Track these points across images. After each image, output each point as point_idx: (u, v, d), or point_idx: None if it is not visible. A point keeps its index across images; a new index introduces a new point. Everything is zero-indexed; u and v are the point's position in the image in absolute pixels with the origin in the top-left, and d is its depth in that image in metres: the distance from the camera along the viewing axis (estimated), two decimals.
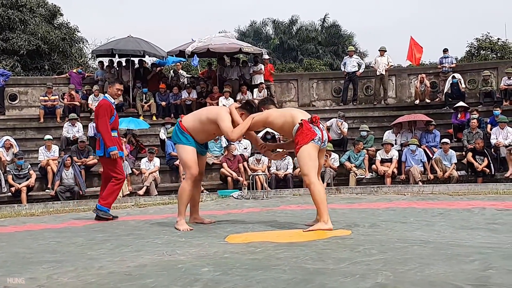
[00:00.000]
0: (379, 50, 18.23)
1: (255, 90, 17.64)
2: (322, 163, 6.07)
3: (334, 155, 14.35)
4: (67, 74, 20.06)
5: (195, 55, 18.42)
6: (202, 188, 13.46)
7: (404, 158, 14.04)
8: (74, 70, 19.34)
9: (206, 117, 6.31)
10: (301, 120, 5.79)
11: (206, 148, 6.82)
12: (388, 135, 15.21)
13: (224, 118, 6.16)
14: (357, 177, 13.94)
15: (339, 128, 15.77)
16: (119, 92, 8.33)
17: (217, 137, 14.46)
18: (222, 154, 14.74)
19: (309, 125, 5.76)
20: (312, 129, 5.75)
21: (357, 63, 18.27)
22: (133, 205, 10.37)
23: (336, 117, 16.09)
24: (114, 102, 8.28)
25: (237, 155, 14.23)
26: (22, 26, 26.50)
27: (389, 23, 70.89)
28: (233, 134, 6.17)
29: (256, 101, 7.22)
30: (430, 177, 13.67)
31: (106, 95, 8.33)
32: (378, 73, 17.88)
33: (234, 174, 13.83)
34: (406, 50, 20.53)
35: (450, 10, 72.74)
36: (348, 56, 18.58)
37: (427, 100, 17.72)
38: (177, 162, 14.18)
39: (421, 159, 13.99)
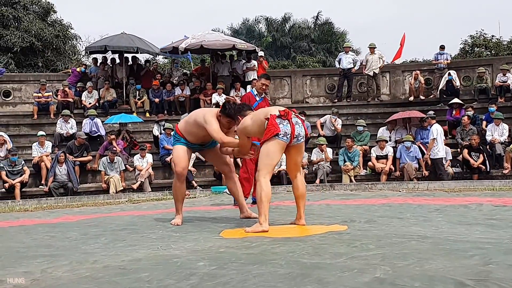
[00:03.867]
0: (368, 48, 18.13)
1: (248, 86, 17.56)
2: (298, 160, 5.68)
3: (328, 149, 14.34)
4: (70, 70, 19.93)
5: (189, 51, 18.34)
6: (195, 184, 13.52)
7: (399, 155, 14.00)
8: (78, 69, 19.20)
9: (194, 120, 6.21)
10: (270, 114, 5.46)
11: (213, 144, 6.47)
12: (383, 132, 15.17)
13: (211, 121, 5.95)
14: (352, 176, 13.91)
15: (333, 124, 15.73)
16: (264, 87, 8.22)
17: None
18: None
19: (275, 120, 5.39)
20: (277, 125, 5.36)
21: (353, 60, 18.20)
22: (126, 201, 10.32)
23: (329, 114, 16.05)
24: (256, 95, 8.28)
25: None
26: (16, 23, 26.34)
27: (382, 21, 70.98)
28: (225, 140, 5.93)
29: (238, 100, 7.15)
30: (425, 173, 13.64)
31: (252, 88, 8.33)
32: (369, 72, 17.76)
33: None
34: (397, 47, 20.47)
35: (444, 7, 72.88)
36: (343, 52, 18.50)
37: (422, 97, 17.70)
38: (168, 158, 14.16)
39: (416, 156, 13.96)
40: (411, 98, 17.74)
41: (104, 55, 19.61)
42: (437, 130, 13.44)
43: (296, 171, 5.71)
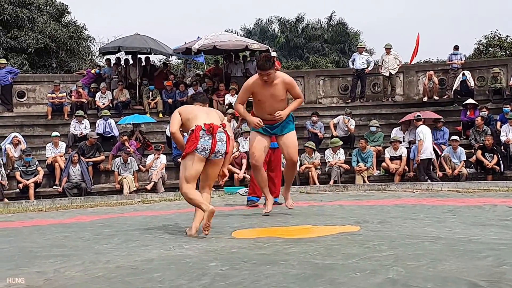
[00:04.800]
0: (385, 48, 18.08)
1: None
2: (211, 174, 5.62)
3: (341, 150, 14.30)
4: (84, 72, 20.06)
5: (202, 52, 18.38)
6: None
7: (413, 156, 13.92)
8: (93, 70, 19.30)
9: None
10: (195, 125, 5.44)
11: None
12: (396, 133, 15.10)
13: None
14: (365, 177, 13.86)
15: (346, 125, 15.67)
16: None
17: None
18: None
19: (199, 132, 5.37)
20: (197, 138, 5.35)
21: (366, 60, 18.13)
22: (139, 202, 10.35)
23: (343, 114, 16.00)
24: None
25: (241, 152, 14.12)
26: (30, 24, 26.51)
27: (396, 20, 70.68)
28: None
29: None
30: (439, 174, 13.56)
31: None
32: (385, 72, 17.71)
33: (241, 172, 13.74)
34: (413, 47, 20.34)
35: (458, 7, 72.47)
36: (357, 53, 18.44)
37: (435, 98, 17.60)
38: (180, 159, 14.19)
39: None
40: (425, 99, 17.65)
41: (117, 56, 19.69)
42: (422, 132, 13.44)
43: (206, 183, 5.68)
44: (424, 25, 66.32)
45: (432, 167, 13.75)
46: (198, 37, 18.84)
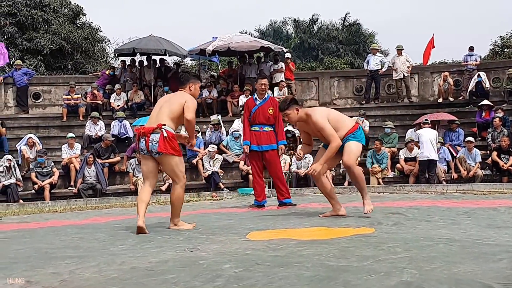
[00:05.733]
0: (396, 49, 18.04)
1: (276, 88, 17.56)
2: (166, 170, 6.19)
3: None
4: (99, 73, 20.19)
5: (216, 54, 18.42)
6: (222, 186, 13.61)
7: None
8: (107, 72, 19.42)
9: None
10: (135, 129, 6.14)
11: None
12: (411, 134, 15.04)
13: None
14: (380, 178, 13.81)
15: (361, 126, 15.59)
16: (261, 88, 8.59)
17: (238, 134, 14.48)
18: (242, 152, 14.72)
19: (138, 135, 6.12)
20: (137, 140, 6.14)
21: (380, 61, 18.09)
22: (154, 203, 10.39)
23: (357, 116, 15.95)
24: (256, 99, 8.65)
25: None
26: (46, 26, 26.71)
27: (410, 21, 70.36)
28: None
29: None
30: (454, 176, 13.49)
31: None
32: (397, 74, 17.67)
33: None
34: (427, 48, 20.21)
35: (474, 7, 71.96)
36: (371, 54, 18.42)
37: (451, 99, 17.52)
38: (194, 161, 14.35)
39: (445, 158, 13.80)
40: (440, 100, 17.56)
41: (132, 57, 19.80)
42: (418, 134, 13.76)
43: (150, 179, 6.13)
44: (439, 25, 65.99)
45: (447, 168, 13.69)
46: (213, 38, 18.88)
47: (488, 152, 14.13)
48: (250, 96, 15.98)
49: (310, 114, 6.50)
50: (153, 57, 19.04)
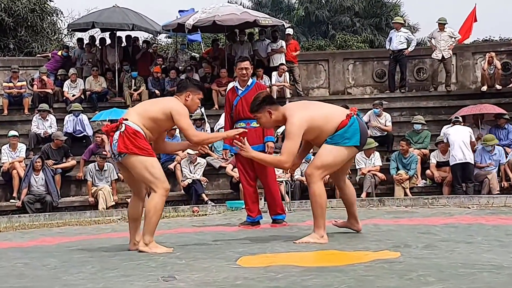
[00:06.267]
0: (437, 23, 17.98)
1: (274, 73, 17.57)
2: (127, 176, 6.45)
3: (376, 154, 14.23)
4: (49, 54, 20.17)
5: (198, 29, 18.42)
6: (206, 198, 13.60)
7: (478, 159, 13.86)
8: (59, 52, 19.40)
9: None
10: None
11: None
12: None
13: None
14: (407, 188, 13.82)
15: (378, 121, 15.54)
16: (242, 73, 8.64)
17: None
18: (232, 155, 14.70)
19: None
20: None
21: (406, 39, 18.09)
22: (119, 219, 10.38)
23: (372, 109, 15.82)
24: (238, 88, 8.67)
25: None
26: None
27: None
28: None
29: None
30: (504, 184, 13.52)
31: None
32: (437, 54, 17.59)
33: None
34: (467, 22, 20.27)
35: None
36: (394, 29, 18.41)
37: (498, 86, 17.55)
38: (171, 166, 14.33)
39: (499, 161, 13.81)
40: (484, 88, 17.62)
41: (91, 34, 19.79)
42: (446, 133, 13.87)
43: (134, 188, 6.41)
44: None
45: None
46: (193, 10, 18.89)
47: None
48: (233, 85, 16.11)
49: (288, 118, 6.27)
50: (118, 33, 19.04)
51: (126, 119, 6.02)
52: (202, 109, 16.44)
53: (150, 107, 6.24)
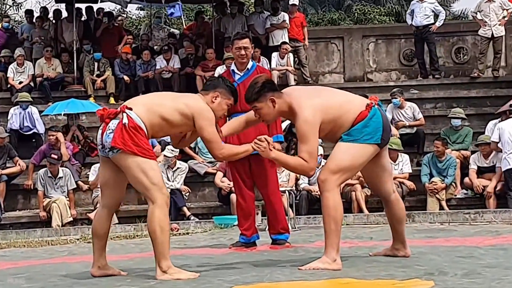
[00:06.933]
0: None
1: (275, 54, 17.53)
2: (103, 178, 6.41)
3: (404, 157, 14.19)
4: None
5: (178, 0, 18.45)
6: (188, 213, 13.58)
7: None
8: None
9: None
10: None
11: None
12: (492, 128, 15.02)
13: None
14: (443, 200, 13.81)
15: (401, 114, 15.45)
16: (240, 54, 8.56)
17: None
18: None
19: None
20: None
21: (432, 11, 18.00)
22: (78, 239, 10.38)
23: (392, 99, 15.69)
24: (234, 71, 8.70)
25: None
26: None
27: None
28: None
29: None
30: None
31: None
32: (485, 31, 17.50)
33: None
34: None
35: None
36: (417, 0, 18.25)
37: None
38: None
39: None
40: None
41: (44, 6, 19.81)
42: (500, 129, 13.64)
43: (106, 197, 6.35)
44: None
45: None
46: None
47: None
48: (226, 68, 16.14)
49: (297, 110, 6.23)
50: (77, 4, 19.02)
51: (130, 109, 5.95)
52: None
53: (165, 102, 6.11)
